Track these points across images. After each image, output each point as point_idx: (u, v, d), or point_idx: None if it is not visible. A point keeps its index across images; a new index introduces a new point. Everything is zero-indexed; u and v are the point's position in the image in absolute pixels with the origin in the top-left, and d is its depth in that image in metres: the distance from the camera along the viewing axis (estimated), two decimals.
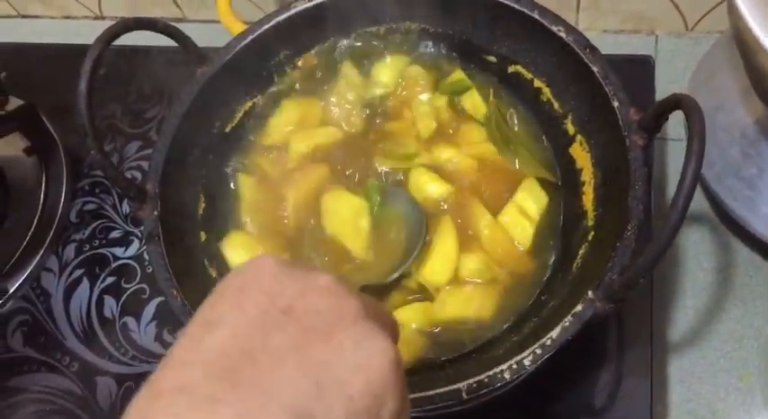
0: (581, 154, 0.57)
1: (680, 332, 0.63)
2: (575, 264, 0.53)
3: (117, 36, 0.51)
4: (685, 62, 0.75)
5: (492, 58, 0.63)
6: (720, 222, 0.67)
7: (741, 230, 0.63)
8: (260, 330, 0.30)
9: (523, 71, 0.61)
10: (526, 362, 0.45)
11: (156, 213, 0.54)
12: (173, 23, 0.57)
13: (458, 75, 0.64)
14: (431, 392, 0.46)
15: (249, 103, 0.63)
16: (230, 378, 0.28)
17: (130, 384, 0.65)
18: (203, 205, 0.60)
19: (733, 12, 0.50)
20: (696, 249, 0.66)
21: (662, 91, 0.71)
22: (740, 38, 0.51)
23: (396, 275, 0.56)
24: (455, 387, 0.46)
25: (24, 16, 0.91)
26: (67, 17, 0.90)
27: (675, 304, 0.64)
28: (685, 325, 0.64)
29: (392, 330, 0.34)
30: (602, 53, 0.55)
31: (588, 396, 0.59)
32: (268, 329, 0.30)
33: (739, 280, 0.65)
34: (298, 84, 0.65)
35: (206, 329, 0.30)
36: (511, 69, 0.62)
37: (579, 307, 0.46)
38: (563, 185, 0.59)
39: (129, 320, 0.68)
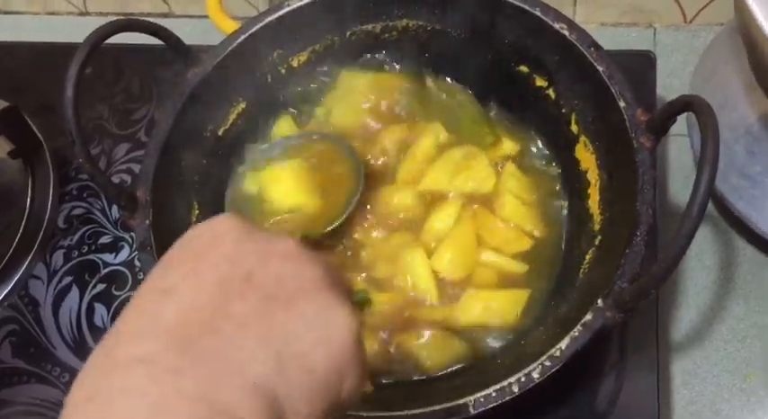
0: (585, 155, 0.56)
1: (682, 332, 0.62)
2: (581, 270, 0.52)
3: (104, 38, 0.49)
4: (684, 55, 0.74)
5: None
6: (724, 220, 0.65)
7: (745, 228, 0.62)
8: (220, 298, 0.29)
9: (525, 69, 0.59)
10: (534, 375, 0.44)
11: (147, 222, 0.53)
12: (160, 19, 0.55)
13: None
14: (437, 407, 0.44)
15: (242, 105, 0.61)
16: (191, 349, 0.27)
17: None
18: (197, 212, 0.58)
19: (739, 3, 0.48)
20: (699, 247, 0.65)
21: (661, 85, 0.70)
22: (746, 31, 0.49)
23: (334, 226, 0.57)
24: (462, 401, 0.44)
25: (6, 12, 0.88)
26: (51, 13, 0.87)
27: (677, 303, 0.63)
28: (688, 325, 0.63)
29: (349, 297, 0.33)
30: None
31: (593, 397, 0.58)
32: (228, 297, 0.29)
33: (742, 279, 0.64)
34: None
35: (162, 298, 0.29)
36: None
37: (589, 317, 0.45)
38: (568, 189, 0.58)
39: None
